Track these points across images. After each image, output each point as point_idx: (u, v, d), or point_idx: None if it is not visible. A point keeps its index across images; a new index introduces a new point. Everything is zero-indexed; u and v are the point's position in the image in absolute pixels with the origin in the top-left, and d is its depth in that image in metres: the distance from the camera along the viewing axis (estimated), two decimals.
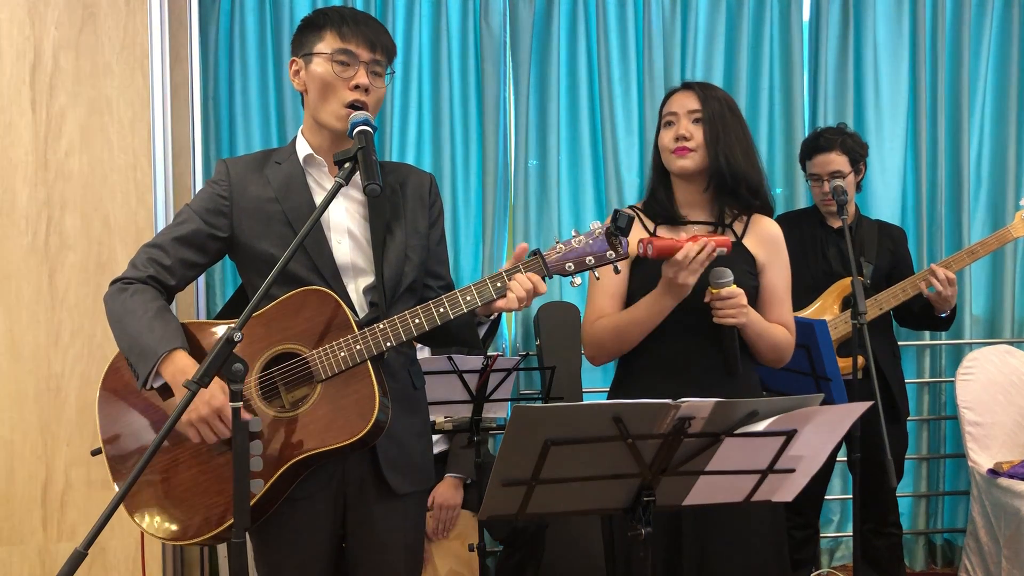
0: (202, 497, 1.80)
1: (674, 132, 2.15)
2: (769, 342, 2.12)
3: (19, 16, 2.80)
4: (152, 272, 1.86)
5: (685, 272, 1.95)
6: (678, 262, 1.95)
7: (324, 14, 1.89)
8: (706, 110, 2.13)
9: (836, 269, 3.09)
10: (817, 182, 3.12)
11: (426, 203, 2.00)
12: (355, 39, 1.85)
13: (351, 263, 1.90)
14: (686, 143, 2.13)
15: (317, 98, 1.88)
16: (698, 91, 2.17)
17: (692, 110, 2.14)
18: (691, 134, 2.13)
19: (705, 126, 2.13)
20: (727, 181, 2.12)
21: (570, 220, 3.81)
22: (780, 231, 2.23)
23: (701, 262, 1.95)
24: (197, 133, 3.19)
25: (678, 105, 2.17)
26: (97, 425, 1.86)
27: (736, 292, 2.02)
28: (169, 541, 1.84)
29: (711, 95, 2.16)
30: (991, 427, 3.55)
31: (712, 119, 2.13)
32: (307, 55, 1.88)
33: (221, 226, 1.90)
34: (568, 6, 3.79)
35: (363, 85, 1.85)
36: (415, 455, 1.95)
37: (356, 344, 1.77)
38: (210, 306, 3.60)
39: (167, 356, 1.76)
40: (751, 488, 1.66)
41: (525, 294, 1.76)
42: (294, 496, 1.84)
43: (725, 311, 2.02)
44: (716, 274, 2.02)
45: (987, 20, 3.93)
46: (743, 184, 2.13)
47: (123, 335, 1.82)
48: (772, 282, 2.18)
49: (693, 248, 1.94)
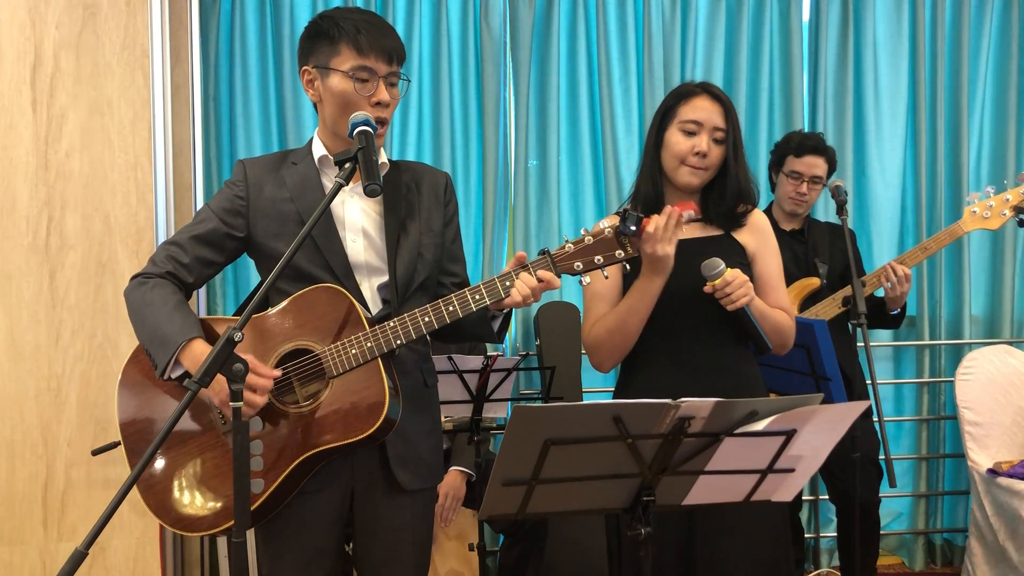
0: (216, 489, 1.83)
1: (694, 144, 2.12)
2: (772, 323, 2.12)
3: (19, 16, 2.80)
4: (170, 268, 1.89)
5: (661, 243, 1.95)
6: (651, 235, 1.95)
7: (337, 24, 1.87)
8: (730, 131, 2.12)
9: (792, 271, 3.10)
10: (795, 180, 3.13)
11: (441, 201, 2.02)
12: (373, 53, 1.84)
13: (365, 261, 1.92)
14: (703, 160, 2.12)
15: (337, 113, 1.88)
16: (724, 105, 2.13)
17: (717, 127, 2.12)
18: (709, 152, 2.11)
19: (728, 149, 2.12)
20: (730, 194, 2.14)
21: (570, 220, 3.82)
22: (767, 219, 2.24)
23: (671, 229, 1.95)
24: (197, 133, 3.19)
25: (704, 115, 2.12)
26: (116, 415, 1.89)
27: (735, 273, 2.02)
28: (184, 533, 1.87)
29: (732, 111, 2.14)
30: (991, 427, 3.56)
31: (735, 142, 2.12)
32: (322, 68, 1.87)
33: (238, 226, 1.93)
34: (568, 6, 3.79)
35: (384, 102, 1.86)
36: (424, 452, 1.96)
37: (367, 341, 1.79)
38: (211, 305, 3.60)
39: (186, 345, 1.79)
40: (751, 488, 1.66)
41: (529, 291, 1.77)
42: (305, 490, 1.87)
43: (734, 294, 2.02)
44: (708, 266, 2.03)
45: (987, 20, 3.94)
46: (741, 198, 2.16)
47: (143, 326, 1.85)
48: (765, 269, 2.19)
49: (660, 219, 1.94)
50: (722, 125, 2.12)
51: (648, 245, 1.97)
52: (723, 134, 2.12)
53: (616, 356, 2.18)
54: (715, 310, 2.07)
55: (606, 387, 3.88)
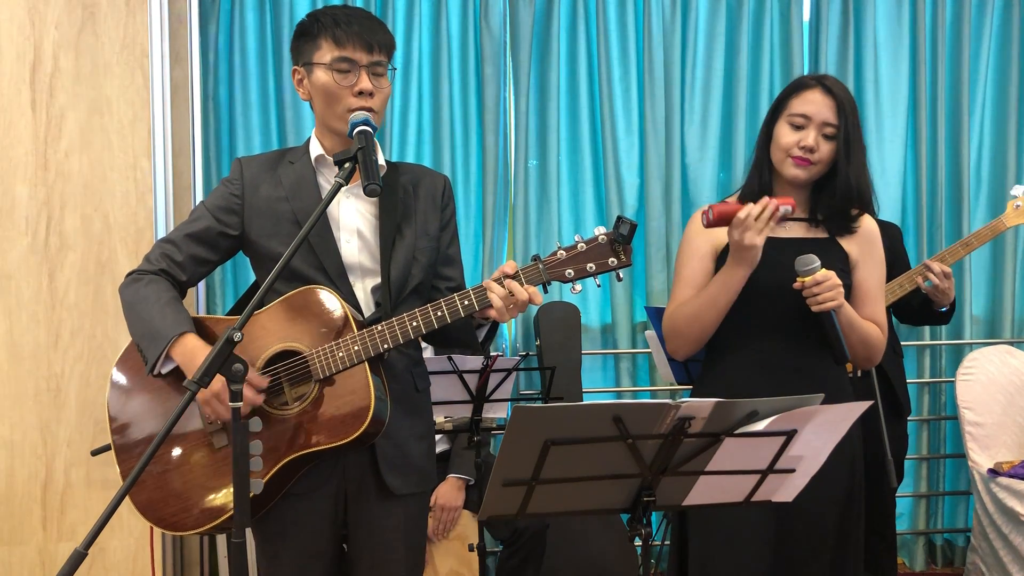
0: (202, 489, 1.82)
1: (800, 138, 2.03)
2: (860, 334, 2.05)
3: (19, 16, 2.80)
4: (164, 266, 1.90)
5: (751, 232, 1.90)
6: (740, 220, 1.90)
7: (317, 20, 1.88)
8: (842, 127, 2.03)
9: None
10: None
11: (438, 205, 2.01)
12: (351, 43, 1.84)
13: (358, 263, 1.91)
14: (810, 155, 2.03)
15: (323, 107, 1.89)
16: (838, 99, 2.03)
17: (827, 122, 2.03)
18: (818, 147, 2.03)
19: (839, 146, 2.03)
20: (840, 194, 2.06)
21: (570, 220, 3.81)
22: (876, 227, 2.16)
23: (764, 220, 1.90)
24: (197, 133, 3.19)
25: (814, 109, 2.03)
26: (107, 415, 1.89)
27: (828, 274, 1.95)
28: (170, 532, 1.87)
29: (847, 106, 2.03)
30: (991, 427, 3.55)
31: (847, 139, 2.03)
32: (307, 64, 1.88)
33: (233, 224, 1.92)
34: (568, 6, 3.79)
35: (366, 91, 1.85)
36: (415, 457, 1.95)
37: (355, 344, 1.77)
38: (210, 305, 3.60)
39: (178, 339, 1.79)
40: (751, 488, 1.66)
41: (501, 303, 1.73)
42: (295, 492, 1.86)
43: (822, 295, 1.95)
44: (802, 261, 1.97)
45: (987, 20, 3.93)
46: (852, 200, 2.07)
47: (135, 321, 1.86)
48: (865, 280, 2.11)
49: (755, 208, 1.89)
50: (833, 121, 2.03)
51: (737, 231, 1.92)
52: (834, 130, 2.03)
53: (692, 345, 2.12)
54: (805, 311, 2.00)
55: (606, 387, 3.89)
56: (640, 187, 3.82)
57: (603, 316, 3.90)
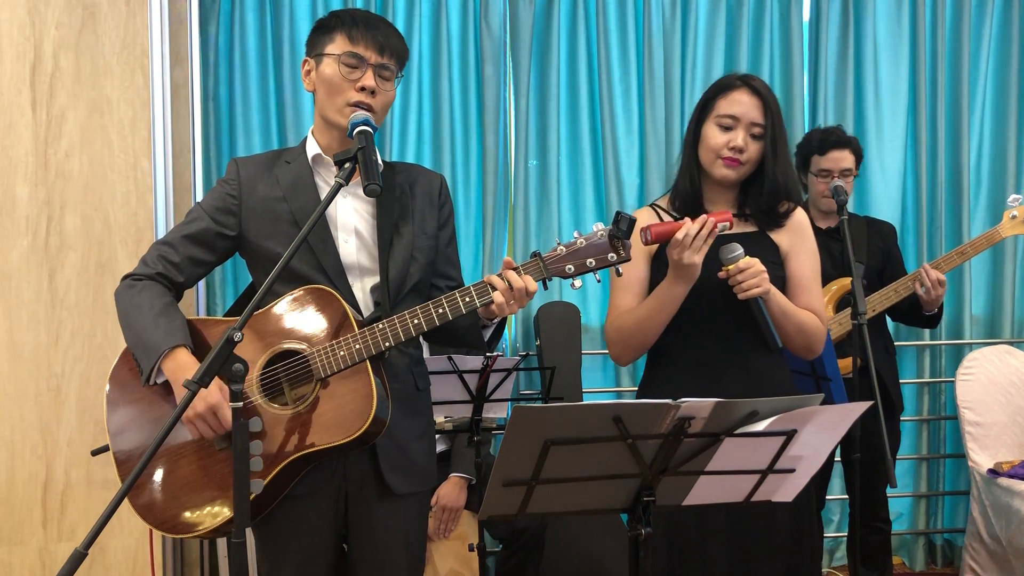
0: (202, 492, 1.81)
1: (730, 139, 2.05)
2: (796, 322, 2.06)
3: (19, 16, 2.80)
4: (161, 269, 1.89)
5: (689, 251, 1.91)
6: (679, 242, 1.91)
7: (337, 16, 1.91)
8: (768, 126, 2.05)
9: (828, 271, 3.08)
10: (825, 178, 3.10)
11: (436, 204, 2.01)
12: (364, 42, 1.86)
13: (356, 262, 1.91)
14: (739, 155, 2.05)
15: (324, 98, 1.90)
16: (764, 99, 2.05)
17: (755, 122, 2.05)
18: (746, 147, 2.05)
19: (766, 145, 2.05)
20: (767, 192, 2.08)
21: (570, 220, 3.81)
22: (806, 218, 2.17)
23: (703, 238, 1.91)
24: (197, 133, 3.18)
25: (741, 110, 2.05)
26: (104, 419, 1.88)
27: (751, 261, 1.97)
28: (170, 535, 1.86)
29: (773, 105, 2.06)
30: (991, 427, 3.55)
31: (774, 138, 2.05)
32: (318, 55, 1.90)
33: (230, 225, 1.92)
34: (568, 6, 3.79)
35: (369, 87, 1.86)
36: (416, 456, 1.95)
37: (355, 343, 1.77)
38: (210, 305, 3.60)
39: (169, 353, 1.79)
40: (751, 488, 1.66)
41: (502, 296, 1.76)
42: (295, 493, 1.85)
43: (746, 282, 1.96)
44: (725, 250, 1.98)
45: (987, 20, 3.93)
46: (780, 196, 2.10)
47: (129, 330, 1.85)
48: (798, 269, 2.12)
49: (693, 226, 1.91)
50: (760, 120, 2.05)
51: (676, 251, 1.93)
52: (761, 130, 2.05)
53: (632, 354, 2.14)
54: (737, 306, 2.01)
55: (606, 387, 3.89)
56: (640, 187, 3.82)
57: (603, 316, 3.90)
